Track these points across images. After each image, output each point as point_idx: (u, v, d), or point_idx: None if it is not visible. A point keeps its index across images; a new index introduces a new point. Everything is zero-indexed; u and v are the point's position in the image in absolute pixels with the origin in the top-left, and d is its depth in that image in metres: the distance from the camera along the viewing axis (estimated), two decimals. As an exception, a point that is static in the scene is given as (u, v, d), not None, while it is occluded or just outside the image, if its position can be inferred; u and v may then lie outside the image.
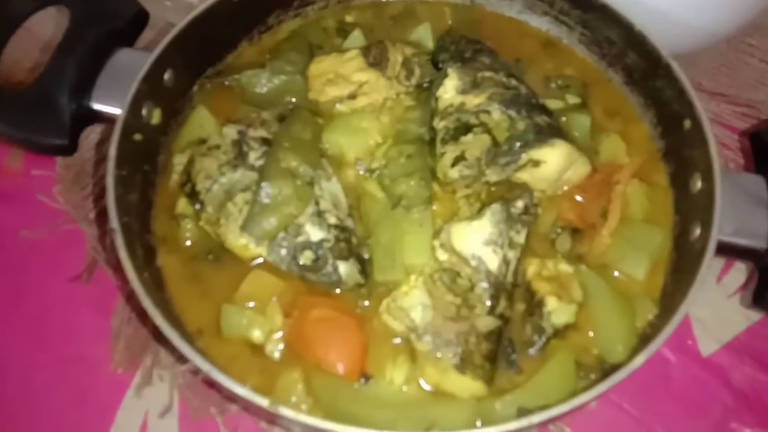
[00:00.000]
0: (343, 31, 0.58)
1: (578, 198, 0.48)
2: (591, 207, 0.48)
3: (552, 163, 0.46)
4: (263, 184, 0.44)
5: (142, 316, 0.47)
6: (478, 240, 0.44)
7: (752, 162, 0.49)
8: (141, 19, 0.53)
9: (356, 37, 0.57)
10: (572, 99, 0.53)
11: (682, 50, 0.62)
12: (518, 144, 0.46)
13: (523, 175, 0.47)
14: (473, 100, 0.49)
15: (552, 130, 0.47)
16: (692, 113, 0.46)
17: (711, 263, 0.41)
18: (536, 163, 0.46)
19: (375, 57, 0.54)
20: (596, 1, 0.51)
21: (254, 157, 0.46)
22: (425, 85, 0.53)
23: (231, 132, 0.47)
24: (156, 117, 0.50)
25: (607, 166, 0.49)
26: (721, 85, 0.67)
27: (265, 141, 0.47)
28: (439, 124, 0.50)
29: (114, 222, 0.42)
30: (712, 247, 0.41)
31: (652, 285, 0.45)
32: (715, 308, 0.53)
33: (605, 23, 0.52)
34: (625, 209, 0.47)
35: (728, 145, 0.62)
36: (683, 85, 0.47)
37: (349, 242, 0.46)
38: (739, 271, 0.55)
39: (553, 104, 0.53)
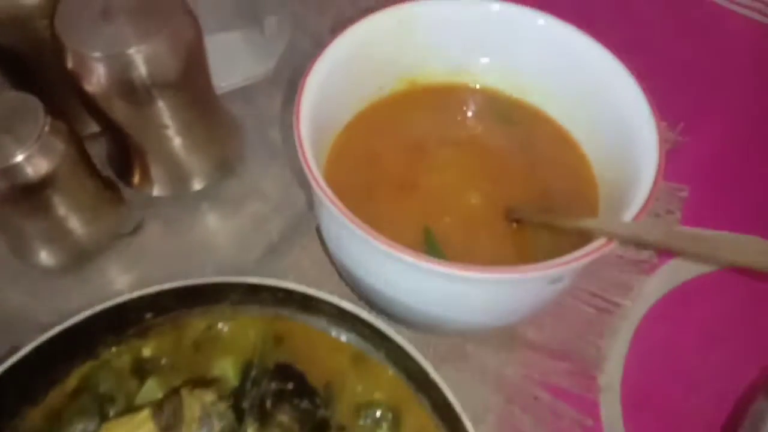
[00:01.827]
0: (140, 370, 0.54)
1: None
2: None
3: None
4: None
5: None
6: None
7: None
8: None
9: (151, 388, 0.53)
10: (383, 433, 0.51)
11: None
12: None
13: None
14: (270, 479, 0.46)
15: None
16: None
17: None
18: None
19: (168, 417, 0.50)
20: (393, 340, 0.50)
21: None
22: (226, 439, 0.50)
23: None
24: None
25: None
26: (545, 336, 0.67)
27: None
28: (240, 505, 0.47)
29: None
30: None
31: None
32: None
33: (403, 356, 0.51)
34: None
35: (559, 413, 0.62)
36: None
37: None
38: None
39: (363, 440, 0.51)
